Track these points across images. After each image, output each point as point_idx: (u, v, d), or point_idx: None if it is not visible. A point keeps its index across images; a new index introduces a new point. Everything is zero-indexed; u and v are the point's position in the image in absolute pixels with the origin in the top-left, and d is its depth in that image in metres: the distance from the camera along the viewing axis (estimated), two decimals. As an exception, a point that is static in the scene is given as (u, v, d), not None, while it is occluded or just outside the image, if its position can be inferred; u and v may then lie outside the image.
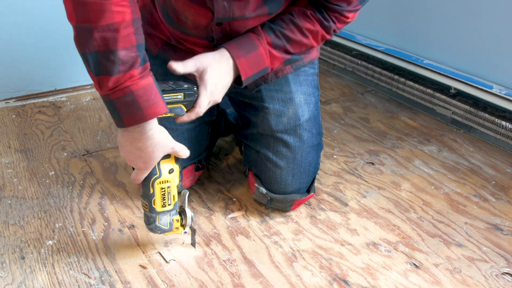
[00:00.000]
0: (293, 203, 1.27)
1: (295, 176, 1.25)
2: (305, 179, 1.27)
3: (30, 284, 1.09)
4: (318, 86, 1.32)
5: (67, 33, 1.92)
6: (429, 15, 1.80)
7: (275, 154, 1.25)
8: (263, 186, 1.28)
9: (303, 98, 1.26)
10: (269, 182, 1.26)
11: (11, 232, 1.24)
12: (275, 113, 1.24)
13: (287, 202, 1.27)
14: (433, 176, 1.47)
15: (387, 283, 1.09)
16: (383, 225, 1.27)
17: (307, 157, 1.26)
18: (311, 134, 1.26)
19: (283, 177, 1.25)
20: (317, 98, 1.30)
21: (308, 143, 1.25)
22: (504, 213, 1.31)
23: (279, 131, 1.24)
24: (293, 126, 1.24)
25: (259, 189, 1.28)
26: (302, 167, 1.25)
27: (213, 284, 1.09)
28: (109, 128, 1.73)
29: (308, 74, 1.29)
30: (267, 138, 1.26)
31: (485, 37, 1.63)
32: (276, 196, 1.26)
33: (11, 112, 1.83)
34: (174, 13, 1.13)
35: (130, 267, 1.13)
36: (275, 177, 1.25)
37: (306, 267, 1.14)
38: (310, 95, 1.27)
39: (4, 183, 1.43)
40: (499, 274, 1.12)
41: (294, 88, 1.25)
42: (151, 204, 1.08)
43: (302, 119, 1.24)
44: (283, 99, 1.24)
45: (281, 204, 1.28)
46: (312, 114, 1.27)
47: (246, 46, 1.08)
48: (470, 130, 1.69)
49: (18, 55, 1.87)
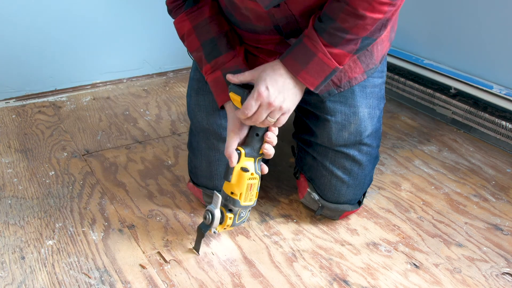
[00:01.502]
0: (343, 213, 1.26)
1: (350, 187, 1.22)
2: (359, 191, 1.25)
3: (30, 284, 1.09)
4: (384, 96, 1.25)
5: (67, 33, 1.93)
6: (429, 15, 1.80)
7: (333, 164, 1.21)
8: (315, 192, 1.25)
9: (367, 112, 1.19)
10: (323, 189, 1.23)
11: (11, 232, 1.24)
12: (336, 127, 1.18)
13: (338, 212, 1.25)
14: (433, 176, 1.47)
15: (387, 283, 1.09)
16: (383, 225, 1.27)
17: (365, 170, 1.23)
18: (371, 148, 1.22)
19: (338, 186, 1.22)
20: (381, 109, 1.24)
21: (367, 157, 1.22)
22: (504, 213, 1.31)
23: (339, 145, 1.19)
24: (354, 141, 1.19)
25: (311, 195, 1.25)
26: (358, 179, 1.22)
27: (213, 284, 1.09)
28: (109, 128, 1.73)
29: (375, 85, 1.21)
30: (325, 149, 1.22)
31: (485, 37, 1.63)
32: (328, 204, 1.24)
33: (11, 112, 1.83)
34: (236, 11, 1.11)
35: (130, 267, 1.13)
36: (330, 185, 1.22)
37: (306, 267, 1.14)
38: (375, 108, 1.21)
39: (4, 183, 1.43)
40: (499, 274, 1.12)
41: (359, 101, 1.18)
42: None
43: (364, 135, 1.19)
44: (347, 113, 1.18)
45: (331, 213, 1.26)
46: (374, 128, 1.21)
47: (302, 57, 1.02)
48: (470, 130, 1.69)
49: (18, 55, 1.87)
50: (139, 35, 2.05)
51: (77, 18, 1.92)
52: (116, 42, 2.03)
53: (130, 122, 1.77)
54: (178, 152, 1.58)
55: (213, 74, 1.12)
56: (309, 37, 1.02)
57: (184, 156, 1.55)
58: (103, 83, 2.05)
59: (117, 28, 2.00)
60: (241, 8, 1.09)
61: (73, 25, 1.92)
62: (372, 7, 0.96)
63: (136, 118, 1.79)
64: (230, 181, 1.10)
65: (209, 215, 1.12)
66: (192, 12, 1.14)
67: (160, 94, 1.98)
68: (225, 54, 1.12)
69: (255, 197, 1.13)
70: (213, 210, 1.11)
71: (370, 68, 1.18)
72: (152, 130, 1.71)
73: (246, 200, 1.11)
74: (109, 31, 2.00)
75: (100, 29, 1.97)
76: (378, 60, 1.19)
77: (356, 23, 0.98)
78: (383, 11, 0.97)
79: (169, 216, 1.30)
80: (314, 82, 1.03)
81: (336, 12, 0.98)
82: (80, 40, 1.95)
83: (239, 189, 1.10)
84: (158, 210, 1.32)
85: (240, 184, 1.10)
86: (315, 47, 1.01)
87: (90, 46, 1.98)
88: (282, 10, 1.05)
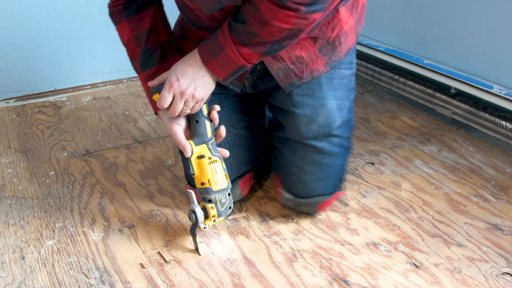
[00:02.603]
0: (318, 205, 1.26)
1: (321, 180, 1.23)
2: (330, 182, 1.25)
3: (30, 284, 1.09)
4: (354, 87, 1.26)
5: (67, 33, 1.93)
6: (429, 15, 1.80)
7: (302, 159, 1.21)
8: (288, 192, 1.26)
9: (336, 103, 1.20)
10: (294, 187, 1.24)
11: (11, 232, 1.24)
12: (304, 120, 1.19)
13: (313, 205, 1.26)
14: (433, 176, 1.47)
15: (387, 283, 1.09)
16: (383, 225, 1.27)
17: (336, 161, 1.23)
18: (342, 139, 1.22)
19: (307, 182, 1.22)
20: (351, 101, 1.24)
21: (337, 149, 1.22)
22: (504, 213, 1.31)
23: (308, 138, 1.20)
24: (323, 134, 1.20)
25: (285, 195, 1.27)
26: (329, 171, 1.23)
27: (213, 284, 1.09)
28: (109, 128, 1.73)
29: (344, 76, 1.22)
30: (295, 144, 1.22)
31: (485, 37, 1.63)
32: (301, 200, 1.25)
33: (11, 112, 1.83)
34: (190, 11, 1.14)
35: (130, 267, 1.13)
36: (300, 181, 1.23)
37: (306, 267, 1.14)
38: (344, 100, 1.22)
39: (4, 183, 1.43)
40: (499, 274, 1.12)
41: (327, 93, 1.20)
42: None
43: (334, 126, 1.20)
44: (314, 105, 1.19)
45: (306, 208, 1.27)
46: (344, 119, 1.22)
47: (213, 49, 1.06)
48: (470, 130, 1.69)
49: (18, 55, 1.87)
50: (139, 35, 2.04)
51: (77, 18, 1.92)
52: (116, 42, 2.01)
53: (130, 122, 1.77)
54: (178, 152, 1.58)
55: (147, 83, 1.16)
56: (222, 32, 1.05)
57: (184, 156, 1.56)
58: (103, 83, 2.05)
59: (117, 28, 2.00)
60: (192, 9, 1.12)
61: (73, 25, 1.92)
62: (278, 17, 0.98)
63: (136, 118, 1.79)
64: (194, 174, 1.15)
65: (191, 214, 1.15)
66: (134, 22, 1.17)
67: (160, 94, 1.98)
68: (158, 65, 1.16)
69: (226, 179, 1.16)
70: (194, 207, 1.14)
71: (334, 60, 1.20)
72: (152, 130, 1.71)
73: (217, 185, 1.14)
74: (109, 31, 1.98)
75: (100, 29, 1.96)
76: (343, 53, 1.20)
77: (263, 28, 1.01)
78: (291, 22, 0.99)
79: (169, 216, 1.30)
80: (222, 73, 1.08)
81: (248, 15, 1.01)
82: (80, 40, 1.95)
83: (205, 176, 1.14)
84: (158, 210, 1.32)
85: (203, 172, 1.14)
86: (225, 42, 1.05)
87: (90, 46, 1.98)
88: (226, 11, 1.07)
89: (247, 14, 1.01)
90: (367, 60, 2.03)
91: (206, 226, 1.15)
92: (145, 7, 1.16)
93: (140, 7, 1.16)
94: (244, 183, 1.30)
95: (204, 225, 1.15)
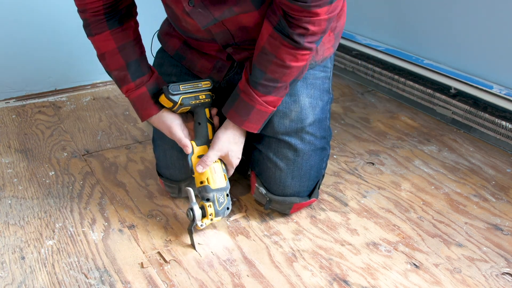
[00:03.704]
0: (292, 206, 1.27)
1: (295, 178, 1.25)
2: (306, 182, 1.26)
3: (30, 284, 1.09)
4: (329, 90, 1.30)
5: (67, 33, 1.93)
6: (429, 15, 1.80)
7: (276, 155, 1.24)
8: (263, 186, 1.27)
9: (309, 101, 1.24)
10: (269, 182, 1.26)
11: (11, 232, 1.24)
12: (278, 115, 1.23)
13: (286, 205, 1.27)
14: (433, 176, 1.47)
15: (387, 283, 1.09)
16: (383, 225, 1.27)
17: (309, 160, 1.25)
18: (314, 138, 1.25)
19: (282, 178, 1.24)
20: (325, 102, 1.28)
21: (310, 147, 1.24)
22: (504, 213, 1.31)
23: (281, 133, 1.23)
24: (295, 129, 1.23)
25: (259, 189, 1.28)
26: (302, 170, 1.24)
27: (213, 284, 1.09)
28: (109, 128, 1.73)
29: (317, 77, 1.27)
30: (269, 139, 1.25)
31: (485, 37, 1.63)
32: (275, 197, 1.26)
33: (11, 112, 1.83)
34: (178, 21, 1.21)
35: (130, 267, 1.13)
36: (275, 177, 1.25)
37: (306, 267, 1.14)
38: (317, 99, 1.26)
39: (4, 183, 1.43)
40: (499, 274, 1.12)
41: (300, 90, 1.24)
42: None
43: (306, 122, 1.23)
44: (288, 101, 1.23)
45: (280, 206, 1.28)
46: (316, 117, 1.25)
47: (243, 111, 1.16)
48: (470, 130, 1.69)
49: (18, 55, 1.87)
50: (139, 35, 2.05)
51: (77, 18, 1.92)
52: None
53: (130, 122, 1.77)
54: (178, 152, 1.58)
55: (138, 91, 1.21)
56: (245, 92, 1.15)
57: (184, 156, 1.56)
58: (103, 83, 2.05)
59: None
60: (182, 21, 1.19)
61: (73, 25, 1.92)
62: (296, 58, 1.09)
63: (136, 118, 1.79)
64: (194, 173, 1.19)
65: (189, 211, 1.16)
66: (118, 33, 1.19)
67: (160, 94, 1.98)
68: (147, 74, 1.22)
69: (225, 179, 1.19)
70: (192, 205, 1.16)
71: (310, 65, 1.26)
72: (152, 130, 1.71)
73: (216, 183, 1.17)
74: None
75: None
76: (319, 59, 1.27)
77: (284, 72, 1.11)
78: (306, 59, 1.11)
79: (169, 216, 1.30)
80: (256, 127, 1.18)
81: (266, 64, 1.11)
82: (80, 40, 1.94)
83: (204, 175, 1.17)
84: (158, 210, 1.32)
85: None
86: (252, 100, 1.14)
87: (90, 46, 1.97)
88: (218, 26, 1.15)
89: (263, 64, 1.11)
90: (367, 60, 2.03)
91: (203, 224, 1.16)
92: (127, 18, 1.20)
93: (122, 18, 1.19)
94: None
95: (201, 223, 1.16)
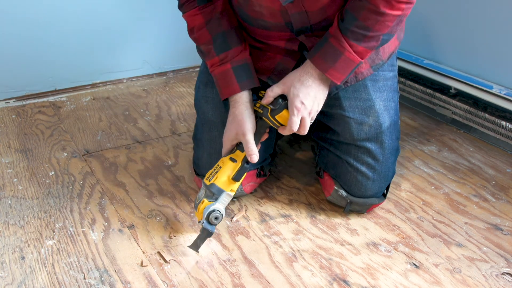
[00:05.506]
0: (371, 206, 1.28)
1: (375, 181, 1.25)
2: (384, 184, 1.28)
3: (30, 284, 1.09)
4: (397, 88, 1.30)
5: (68, 33, 1.93)
6: (429, 15, 1.80)
7: (357, 160, 1.25)
8: (342, 189, 1.28)
9: (383, 104, 1.24)
10: (349, 185, 1.27)
11: (11, 232, 1.24)
12: (356, 122, 1.23)
13: (366, 206, 1.28)
14: (433, 176, 1.47)
15: (387, 283, 1.09)
16: (383, 225, 1.27)
17: (387, 163, 1.26)
18: (392, 140, 1.26)
19: (363, 181, 1.25)
20: (396, 102, 1.28)
21: (388, 149, 1.25)
22: (504, 213, 1.31)
23: (360, 140, 1.24)
24: (374, 134, 1.23)
25: (339, 192, 1.28)
26: (382, 172, 1.26)
27: (213, 284, 1.09)
28: (109, 128, 1.73)
29: (387, 78, 1.26)
30: (349, 146, 1.26)
31: (485, 37, 1.63)
32: (356, 199, 1.27)
33: (11, 112, 1.83)
34: (249, 6, 1.16)
35: (130, 267, 1.13)
36: (356, 181, 1.25)
37: (306, 267, 1.14)
38: (390, 101, 1.26)
39: (4, 183, 1.43)
40: (499, 274, 1.12)
41: (373, 95, 1.23)
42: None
43: (384, 127, 1.24)
44: (363, 107, 1.23)
45: (359, 207, 1.29)
46: (392, 120, 1.26)
47: (330, 56, 1.09)
48: (470, 130, 1.69)
49: (18, 55, 1.87)
50: (139, 35, 2.04)
51: (77, 18, 1.92)
52: (116, 42, 2.03)
53: (130, 122, 1.77)
54: (178, 152, 1.58)
55: (222, 67, 1.17)
56: (335, 36, 1.08)
57: (184, 156, 1.55)
58: (103, 83, 2.05)
59: (117, 28, 2.00)
60: (255, 4, 1.14)
61: (73, 25, 1.92)
62: (391, 5, 1.03)
63: (136, 118, 1.79)
64: (238, 181, 1.16)
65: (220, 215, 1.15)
66: (205, 8, 1.17)
67: (160, 94, 1.98)
68: (234, 48, 1.17)
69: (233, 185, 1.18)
70: (221, 209, 1.15)
71: (377, 64, 1.23)
72: (152, 130, 1.71)
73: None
74: (109, 31, 2.00)
75: (100, 29, 1.97)
76: (386, 57, 1.24)
77: (377, 20, 1.05)
78: (401, 8, 1.05)
79: (169, 216, 1.30)
80: (340, 77, 1.11)
81: (359, 10, 1.05)
82: (80, 40, 1.95)
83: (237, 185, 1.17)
84: (158, 210, 1.32)
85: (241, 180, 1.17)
86: (342, 46, 1.08)
87: (90, 46, 1.98)
88: (296, 5, 1.10)
89: (357, 10, 1.05)
90: (367, 60, 2.03)
91: (202, 221, 1.15)
92: None
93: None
94: (246, 179, 1.31)
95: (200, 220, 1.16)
